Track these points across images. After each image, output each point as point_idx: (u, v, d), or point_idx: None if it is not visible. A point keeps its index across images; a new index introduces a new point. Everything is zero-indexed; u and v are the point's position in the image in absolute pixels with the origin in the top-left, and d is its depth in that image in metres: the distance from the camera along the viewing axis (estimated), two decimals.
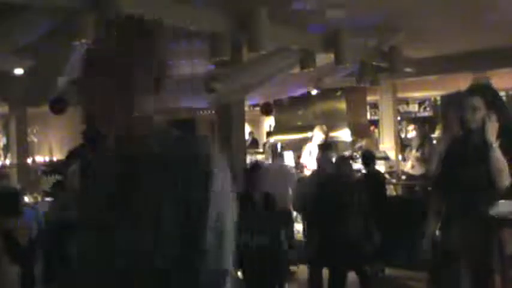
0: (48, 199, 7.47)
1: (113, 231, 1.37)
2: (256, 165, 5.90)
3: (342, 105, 10.99)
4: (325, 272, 5.71)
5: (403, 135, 12.09)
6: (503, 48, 8.38)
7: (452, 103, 5.90)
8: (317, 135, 8.86)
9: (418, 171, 8.40)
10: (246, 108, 9.41)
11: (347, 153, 9.20)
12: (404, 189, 8.80)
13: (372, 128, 12.07)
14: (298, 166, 9.06)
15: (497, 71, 9.45)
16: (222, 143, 7.23)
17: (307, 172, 8.23)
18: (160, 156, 1.40)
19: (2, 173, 8.34)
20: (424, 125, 9.54)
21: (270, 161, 8.16)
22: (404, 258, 6.67)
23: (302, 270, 7.09)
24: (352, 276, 5.77)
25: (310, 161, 8.57)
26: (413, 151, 8.66)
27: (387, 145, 10.17)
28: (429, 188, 7.43)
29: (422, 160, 8.29)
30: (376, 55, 7.47)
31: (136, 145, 1.44)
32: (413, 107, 15.10)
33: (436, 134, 10.18)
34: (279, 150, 9.32)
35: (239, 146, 7.59)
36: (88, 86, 1.40)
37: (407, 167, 8.77)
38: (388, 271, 7.19)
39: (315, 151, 8.57)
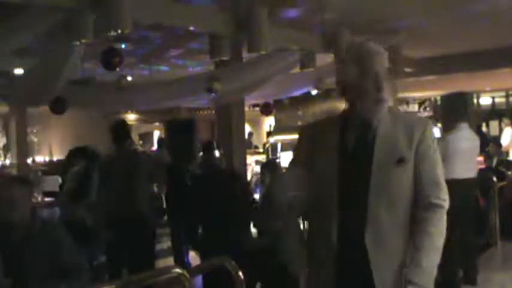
0: (48, 199, 7.48)
1: None
2: None
3: (342, 105, 10.99)
4: None
5: None
6: (503, 48, 8.38)
7: (453, 103, 5.90)
8: None
9: None
10: (246, 108, 9.42)
11: None
12: None
13: None
14: None
15: (497, 71, 9.46)
16: (222, 143, 7.21)
17: None
18: None
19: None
20: None
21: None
22: None
23: None
24: None
25: None
26: None
27: None
28: None
29: None
30: None
31: None
32: (413, 107, 15.12)
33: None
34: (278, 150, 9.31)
35: (239, 146, 7.59)
36: None
37: None
38: None
39: None
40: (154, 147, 12.92)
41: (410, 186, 2.07)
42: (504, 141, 10.79)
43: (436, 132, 8.81)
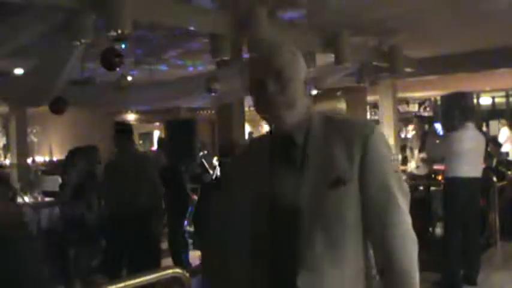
0: (48, 199, 7.47)
1: None
2: None
3: (342, 105, 11.01)
4: None
5: (402, 135, 12.10)
6: (503, 48, 8.38)
7: (452, 103, 5.90)
8: None
9: (422, 171, 8.45)
10: (246, 108, 9.42)
11: None
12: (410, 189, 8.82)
13: None
14: None
15: (497, 71, 9.45)
16: (222, 143, 7.22)
17: None
18: None
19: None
20: (423, 124, 9.56)
21: None
22: None
23: None
24: None
25: None
26: (416, 152, 8.69)
27: None
28: (432, 188, 7.45)
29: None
30: (376, 55, 7.48)
31: None
32: (413, 107, 15.13)
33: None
34: None
35: (239, 146, 7.58)
36: None
37: (412, 167, 8.79)
38: None
39: None
40: (154, 147, 12.92)
41: (356, 213, 1.59)
42: (500, 141, 10.82)
43: (439, 128, 8.78)
